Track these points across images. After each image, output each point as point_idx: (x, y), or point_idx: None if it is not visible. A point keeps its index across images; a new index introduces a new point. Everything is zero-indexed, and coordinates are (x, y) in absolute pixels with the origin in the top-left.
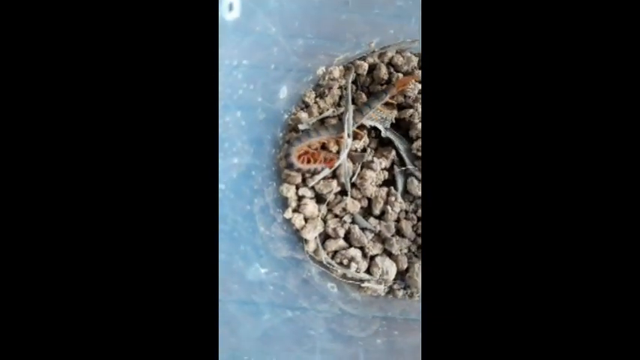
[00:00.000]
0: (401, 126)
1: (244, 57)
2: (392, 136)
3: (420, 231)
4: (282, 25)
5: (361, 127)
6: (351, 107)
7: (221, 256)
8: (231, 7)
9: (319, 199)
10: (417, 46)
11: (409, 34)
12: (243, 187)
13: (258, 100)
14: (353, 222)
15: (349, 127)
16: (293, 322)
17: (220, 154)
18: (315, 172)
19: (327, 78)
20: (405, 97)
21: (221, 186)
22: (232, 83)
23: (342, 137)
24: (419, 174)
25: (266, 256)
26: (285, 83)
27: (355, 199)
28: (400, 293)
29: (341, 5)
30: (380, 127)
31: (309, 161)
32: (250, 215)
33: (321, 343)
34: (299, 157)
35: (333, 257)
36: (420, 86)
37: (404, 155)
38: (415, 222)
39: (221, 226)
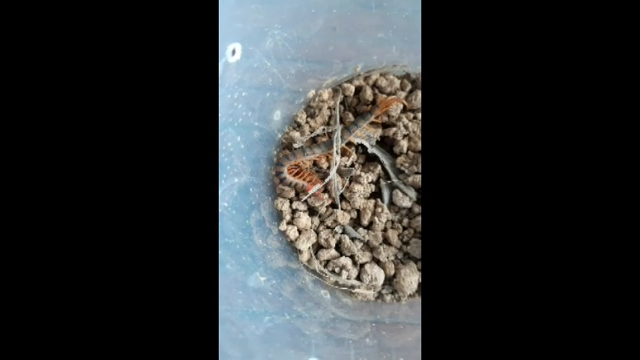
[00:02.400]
0: (386, 142)
1: (244, 89)
2: (377, 152)
3: (405, 239)
4: (277, 59)
5: (349, 144)
6: (340, 126)
7: (227, 267)
8: (233, 52)
9: (312, 211)
10: (399, 69)
11: (391, 60)
12: (243, 203)
13: (255, 124)
14: (343, 232)
15: (338, 144)
16: (291, 323)
17: (223, 176)
18: (296, 187)
19: (317, 100)
20: (388, 116)
21: (224, 204)
22: (233, 113)
23: (331, 154)
24: (403, 186)
25: (264, 266)
26: (279, 106)
27: (345, 211)
28: (388, 298)
29: (329, 32)
30: (366, 144)
31: (296, 174)
32: (249, 229)
33: (316, 341)
34: (289, 169)
35: (325, 266)
36: (401, 106)
37: (389, 169)
38: (401, 231)
39: (226, 240)
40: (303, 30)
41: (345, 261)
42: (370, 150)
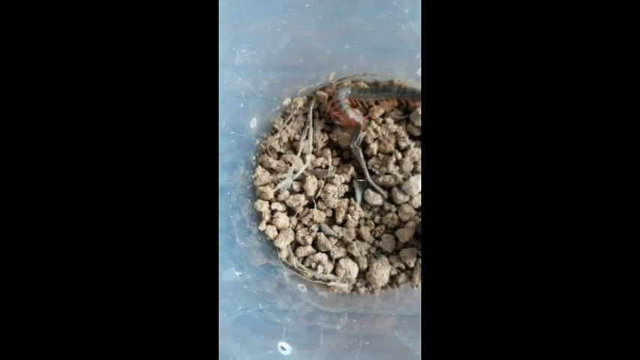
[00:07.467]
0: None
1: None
2: (357, 152)
3: (377, 235)
4: (248, 75)
5: (325, 147)
6: (312, 132)
7: None
8: None
9: (290, 211)
10: (369, 77)
11: (360, 68)
12: (223, 205)
13: (230, 133)
14: (319, 230)
15: (308, 148)
16: (263, 312)
17: None
18: (345, 118)
19: (292, 107)
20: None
21: None
22: None
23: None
24: (375, 185)
25: (246, 264)
26: (255, 114)
27: (321, 210)
28: (362, 290)
29: (297, 45)
30: (358, 136)
31: (354, 106)
32: (231, 229)
33: (288, 329)
34: (349, 101)
35: (303, 262)
36: (381, 110)
37: (365, 170)
38: (373, 227)
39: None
40: (271, 46)
41: (321, 257)
42: (353, 146)
